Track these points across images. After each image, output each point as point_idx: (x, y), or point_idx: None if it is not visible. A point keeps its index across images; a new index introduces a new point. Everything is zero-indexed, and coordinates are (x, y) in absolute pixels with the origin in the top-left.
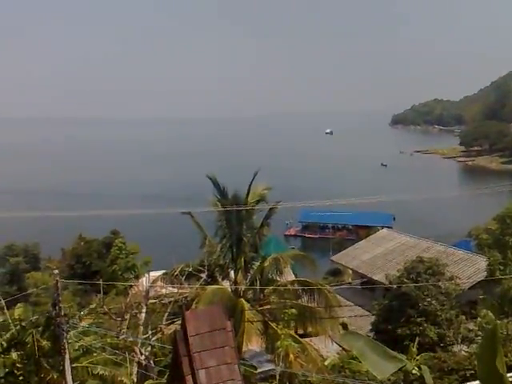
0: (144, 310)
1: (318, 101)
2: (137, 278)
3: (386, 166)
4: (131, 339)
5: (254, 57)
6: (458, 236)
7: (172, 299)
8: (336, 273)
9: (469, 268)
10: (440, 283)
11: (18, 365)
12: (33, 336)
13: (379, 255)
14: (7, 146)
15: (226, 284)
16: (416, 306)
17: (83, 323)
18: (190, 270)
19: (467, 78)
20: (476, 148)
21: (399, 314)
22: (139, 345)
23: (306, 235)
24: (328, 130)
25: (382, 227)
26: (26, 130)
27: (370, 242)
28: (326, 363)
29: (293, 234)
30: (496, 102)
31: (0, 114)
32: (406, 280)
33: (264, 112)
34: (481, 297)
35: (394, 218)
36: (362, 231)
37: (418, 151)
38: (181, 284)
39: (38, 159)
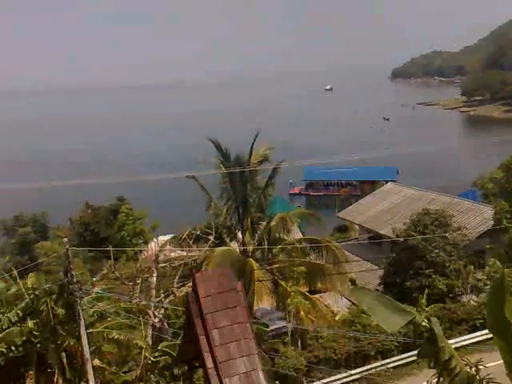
0: (155, 274)
1: (315, 57)
2: (145, 243)
3: (388, 119)
4: (144, 303)
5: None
6: (463, 186)
7: (182, 262)
8: (343, 229)
9: (475, 218)
10: (447, 234)
11: (34, 333)
12: (47, 304)
13: (385, 209)
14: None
15: (234, 245)
16: (424, 258)
17: (96, 289)
18: (198, 232)
19: (466, 29)
20: (478, 98)
21: (407, 266)
22: (152, 308)
23: (311, 193)
24: (328, 87)
25: (387, 181)
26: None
27: (376, 197)
28: (336, 318)
29: (297, 192)
30: (496, 51)
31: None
32: (412, 233)
33: (263, 71)
34: (488, 246)
35: (398, 172)
36: (366, 186)
37: (420, 103)
38: (189, 247)
39: (41, 130)
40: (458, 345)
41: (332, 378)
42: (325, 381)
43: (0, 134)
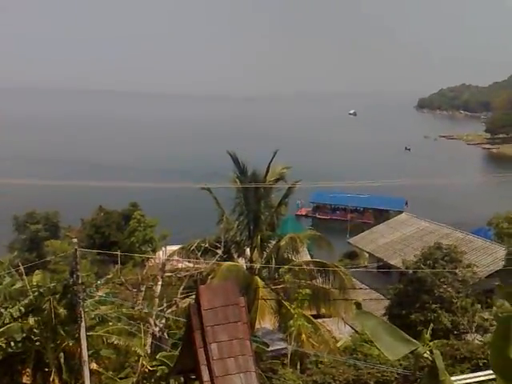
0: (160, 283)
1: (342, 81)
2: (154, 251)
3: (409, 150)
4: (146, 311)
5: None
6: (477, 224)
7: (187, 273)
8: (352, 255)
9: (487, 257)
10: (457, 270)
11: (35, 330)
12: (50, 303)
13: (397, 240)
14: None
15: (242, 261)
16: (431, 293)
17: (100, 293)
18: (207, 245)
19: (497, 64)
20: (502, 135)
21: (414, 299)
22: (154, 316)
23: (317, 216)
24: (351, 111)
25: (394, 211)
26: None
27: (389, 226)
28: (338, 345)
29: (304, 214)
30: None
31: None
32: (422, 266)
33: (288, 90)
34: (497, 284)
35: (407, 203)
36: (372, 214)
37: (443, 136)
38: (197, 259)
39: (72, 131)
40: (459, 383)
41: None
42: None
43: (20, 131)
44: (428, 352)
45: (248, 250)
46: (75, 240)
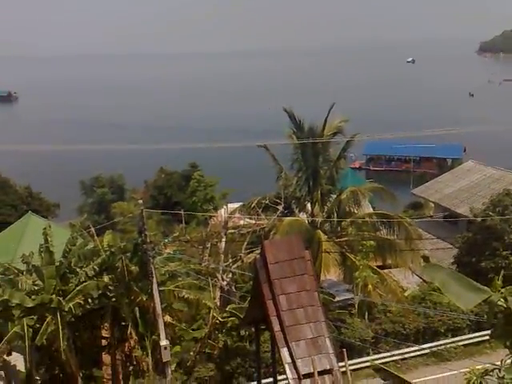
0: (224, 240)
1: (399, 28)
2: (215, 209)
3: (473, 95)
4: (213, 266)
5: None
6: None
7: (250, 230)
8: (417, 206)
9: None
10: None
11: (110, 287)
12: (122, 261)
13: (463, 188)
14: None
15: (303, 216)
16: (501, 239)
17: (168, 250)
18: (267, 202)
19: None
20: None
21: (483, 247)
22: (221, 271)
23: (371, 168)
24: (409, 59)
25: (451, 159)
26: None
27: (454, 175)
28: (405, 294)
29: (357, 166)
30: None
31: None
32: (491, 213)
33: (343, 41)
34: None
35: (465, 149)
36: (429, 163)
37: (509, 80)
38: (258, 215)
39: (128, 95)
40: None
41: (400, 351)
42: (392, 353)
43: (76, 94)
44: (502, 299)
45: (309, 204)
46: (141, 201)
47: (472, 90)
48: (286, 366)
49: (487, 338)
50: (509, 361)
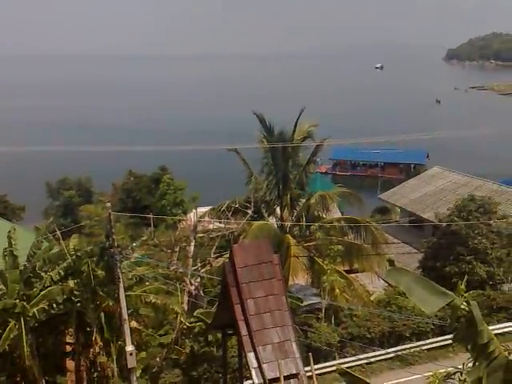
0: (193, 244)
1: (367, 33)
2: (185, 213)
3: (439, 102)
4: (181, 270)
5: None
6: (502, 175)
7: (219, 234)
8: (383, 211)
9: None
10: (491, 222)
11: (75, 292)
12: (88, 265)
13: (429, 193)
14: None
15: (272, 220)
16: (466, 244)
17: (135, 254)
18: (237, 205)
19: None
20: None
21: (448, 251)
22: (189, 276)
23: (337, 172)
24: (378, 65)
25: (415, 165)
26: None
27: (420, 181)
28: (371, 298)
29: (323, 171)
30: None
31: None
32: (456, 218)
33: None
34: None
35: (428, 156)
36: (393, 169)
37: (474, 87)
38: (227, 219)
39: (110, 96)
40: (496, 331)
41: (365, 355)
42: (358, 357)
43: (47, 96)
44: (464, 303)
45: (278, 208)
46: (109, 204)
47: (439, 97)
48: (253, 371)
49: (450, 341)
50: (470, 364)
